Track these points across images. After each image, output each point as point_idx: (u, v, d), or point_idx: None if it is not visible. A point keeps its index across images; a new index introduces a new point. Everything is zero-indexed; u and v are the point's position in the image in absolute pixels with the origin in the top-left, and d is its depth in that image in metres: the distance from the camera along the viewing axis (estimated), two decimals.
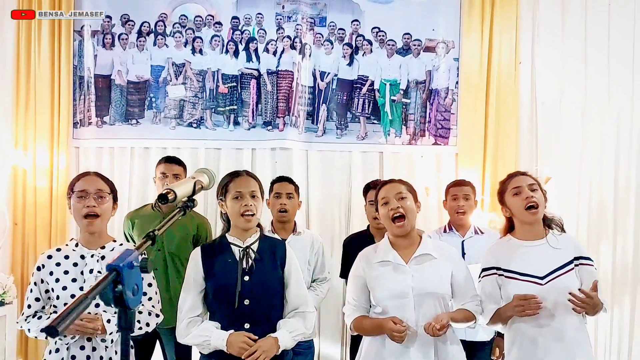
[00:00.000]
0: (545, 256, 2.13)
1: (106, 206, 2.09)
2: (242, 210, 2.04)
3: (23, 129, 3.71)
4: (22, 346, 3.69)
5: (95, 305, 2.03)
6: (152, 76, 3.76)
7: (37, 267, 2.10)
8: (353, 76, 3.82)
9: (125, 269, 0.95)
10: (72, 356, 2.02)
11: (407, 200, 2.09)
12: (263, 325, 2.00)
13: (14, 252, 3.69)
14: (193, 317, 2.05)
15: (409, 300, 2.01)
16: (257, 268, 2.04)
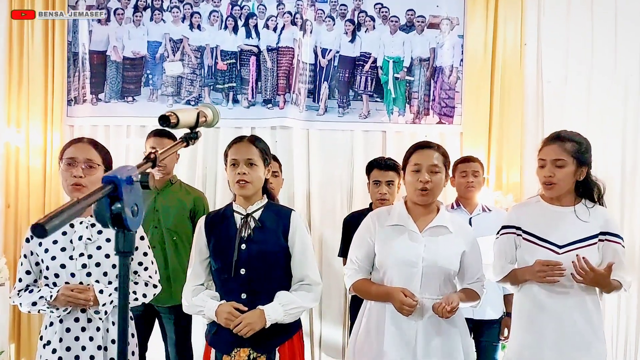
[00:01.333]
0: (570, 225, 2.04)
1: (95, 177, 1.97)
2: (237, 178, 1.96)
3: (16, 106, 3.60)
4: (15, 332, 3.59)
5: (86, 275, 1.94)
6: (149, 52, 3.66)
7: (25, 239, 2.00)
8: (355, 53, 3.72)
9: (123, 183, 0.85)
10: (66, 329, 1.92)
11: (439, 174, 1.98)
12: (261, 297, 1.93)
13: (6, 233, 3.59)
14: (196, 286, 2.00)
15: (417, 271, 1.93)
16: (256, 237, 1.96)
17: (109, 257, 1.97)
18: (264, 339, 1.90)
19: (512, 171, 3.69)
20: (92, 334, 1.92)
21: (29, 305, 1.94)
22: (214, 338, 1.95)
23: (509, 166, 3.70)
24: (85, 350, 1.91)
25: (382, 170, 2.80)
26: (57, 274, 1.93)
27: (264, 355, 1.91)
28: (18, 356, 3.56)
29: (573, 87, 3.75)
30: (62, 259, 1.94)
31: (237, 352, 1.90)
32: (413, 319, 1.91)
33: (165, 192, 2.84)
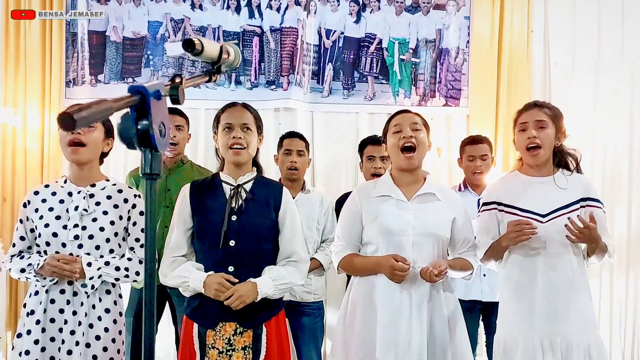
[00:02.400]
0: (550, 194, 2.01)
1: (94, 136, 1.92)
2: (231, 143, 1.87)
3: (13, 87, 3.51)
4: (12, 318, 3.49)
5: (78, 246, 1.87)
6: (150, 32, 3.57)
7: (23, 204, 1.94)
8: (360, 34, 3.66)
9: (151, 96, 0.78)
10: (51, 300, 1.85)
11: (420, 132, 1.94)
12: (249, 270, 1.84)
13: (2, 218, 3.49)
14: (177, 257, 1.89)
15: (407, 239, 1.88)
16: (247, 208, 1.87)
17: (104, 230, 1.90)
18: (251, 313, 1.82)
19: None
20: (76, 308, 1.86)
21: (17, 272, 1.88)
22: (196, 312, 1.85)
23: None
24: (67, 324, 1.84)
25: (375, 146, 2.77)
26: (48, 242, 1.87)
27: (250, 330, 1.82)
28: None
29: (580, 68, 3.71)
30: (55, 228, 1.87)
31: (222, 327, 1.81)
32: (406, 288, 1.85)
33: (177, 171, 2.77)
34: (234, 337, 1.80)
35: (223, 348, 1.80)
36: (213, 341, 1.81)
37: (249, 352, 1.80)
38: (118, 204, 1.95)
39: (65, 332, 1.83)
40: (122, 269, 1.91)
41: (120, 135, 0.80)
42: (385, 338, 1.83)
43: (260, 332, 1.83)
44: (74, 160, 1.92)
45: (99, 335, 1.86)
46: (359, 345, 1.88)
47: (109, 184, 1.99)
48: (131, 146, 0.79)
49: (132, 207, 1.98)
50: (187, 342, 1.85)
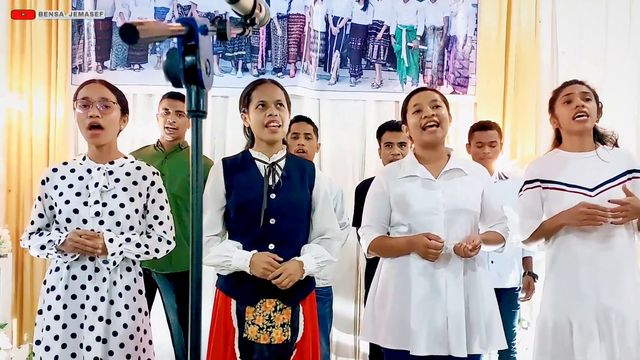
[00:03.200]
0: (595, 168, 1.99)
1: (112, 117, 1.90)
2: (267, 121, 1.86)
3: (18, 73, 3.48)
4: (17, 306, 3.47)
5: (99, 223, 1.85)
6: (156, 19, 3.55)
7: (41, 181, 1.92)
8: (368, 21, 3.64)
9: (199, 29, 0.76)
10: (72, 276, 1.84)
11: (441, 109, 1.93)
12: (288, 248, 1.84)
13: (8, 205, 3.47)
14: (211, 236, 1.87)
15: (439, 217, 1.86)
16: (284, 186, 1.87)
17: (124, 207, 1.89)
18: (290, 291, 1.81)
19: (527, 142, 3.63)
20: (98, 284, 1.85)
21: (37, 249, 1.86)
22: (235, 289, 1.84)
23: (523, 137, 3.65)
24: (89, 300, 1.83)
25: (393, 132, 2.75)
26: (69, 218, 1.85)
27: (289, 307, 1.83)
28: (20, 331, 3.45)
29: (588, 57, 3.69)
30: (76, 204, 1.86)
31: (262, 303, 1.81)
32: (440, 266, 1.83)
33: (174, 156, 2.74)
34: (274, 313, 1.80)
35: (263, 324, 1.80)
36: (253, 317, 1.80)
37: (287, 329, 1.81)
38: (137, 181, 1.94)
39: (87, 308, 1.82)
40: (142, 246, 1.90)
41: (167, 72, 0.78)
42: (420, 315, 1.81)
43: (298, 309, 1.84)
44: (93, 143, 1.91)
45: (120, 312, 1.85)
46: (391, 325, 1.87)
47: (127, 162, 1.99)
48: (177, 83, 0.78)
49: (151, 184, 1.97)
50: (224, 318, 1.83)
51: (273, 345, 1.78)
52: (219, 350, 1.82)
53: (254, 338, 1.79)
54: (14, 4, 3.48)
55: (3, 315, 3.32)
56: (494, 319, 1.88)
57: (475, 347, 1.82)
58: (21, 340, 3.42)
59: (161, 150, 2.77)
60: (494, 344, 1.87)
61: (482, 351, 1.85)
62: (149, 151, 2.79)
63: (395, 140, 2.72)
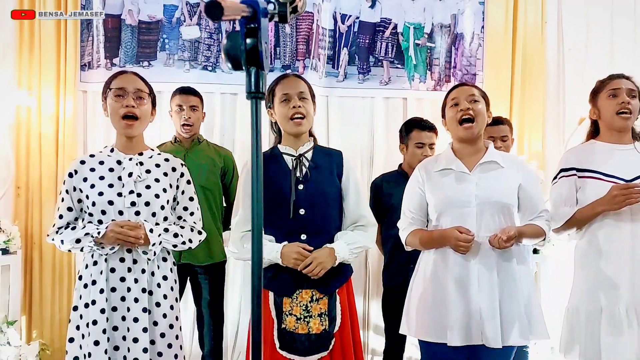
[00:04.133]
0: (633, 160, 2.01)
1: (145, 108, 1.92)
2: (291, 113, 1.88)
3: (27, 70, 3.47)
4: (26, 304, 3.46)
5: (135, 213, 1.86)
6: (165, 16, 3.56)
7: (68, 174, 1.91)
8: (375, 19, 3.66)
9: (261, 13, 0.77)
10: (111, 269, 1.84)
11: (479, 103, 1.94)
12: (320, 237, 1.86)
13: (17, 201, 3.46)
14: (245, 232, 1.90)
15: (471, 210, 1.87)
16: (312, 176, 1.89)
17: (159, 197, 1.90)
18: (325, 280, 1.84)
19: (534, 139, 3.66)
20: (137, 275, 1.85)
21: (71, 243, 1.84)
22: (272, 281, 1.86)
23: (530, 134, 3.67)
24: (130, 292, 1.83)
25: (425, 132, 2.74)
26: (104, 210, 1.85)
27: (326, 297, 1.85)
28: (29, 329, 3.44)
29: (594, 54, 3.72)
30: (110, 196, 1.85)
31: (299, 294, 1.84)
32: (472, 259, 1.85)
33: (194, 150, 2.78)
34: (311, 304, 1.83)
35: (301, 315, 1.82)
36: (290, 308, 1.83)
37: (324, 318, 1.83)
38: (167, 172, 1.96)
39: (128, 300, 1.82)
40: (179, 236, 1.91)
41: (227, 54, 0.80)
42: (455, 306, 1.83)
43: (335, 299, 1.86)
44: (127, 133, 1.91)
45: (159, 302, 1.86)
46: (429, 316, 1.89)
47: (155, 153, 2.00)
48: (237, 65, 0.79)
49: (180, 175, 1.99)
50: (263, 311, 1.83)
51: (312, 334, 1.81)
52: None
53: (292, 328, 1.81)
54: (22, 3, 3.48)
55: (13, 312, 3.31)
56: (534, 309, 1.88)
57: (512, 338, 1.82)
58: (30, 337, 3.41)
59: (181, 146, 2.79)
60: (536, 334, 1.87)
61: (523, 341, 1.85)
62: (167, 147, 2.81)
63: (428, 142, 2.71)
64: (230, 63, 0.79)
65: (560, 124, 3.68)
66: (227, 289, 3.47)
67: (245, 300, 3.58)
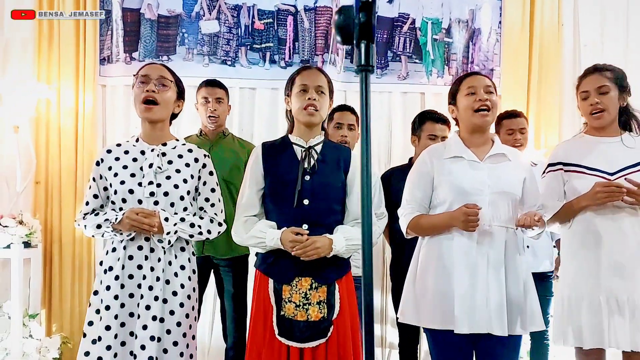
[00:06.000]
0: (617, 153, 2.05)
1: (168, 95, 1.94)
2: (306, 104, 1.90)
3: (46, 64, 3.48)
4: (46, 297, 3.47)
5: (154, 203, 1.88)
6: (184, 10, 3.57)
7: (96, 162, 1.96)
8: (393, 14, 3.68)
9: None
10: (129, 256, 1.87)
11: (493, 95, 1.98)
12: (321, 229, 1.88)
13: (37, 195, 3.47)
14: (249, 217, 1.93)
15: (483, 198, 1.89)
16: (319, 169, 1.91)
17: (178, 188, 1.92)
18: (322, 269, 1.86)
19: (551, 133, 3.68)
20: (153, 264, 1.87)
21: (93, 228, 1.89)
22: (272, 268, 1.89)
23: (547, 129, 3.70)
24: (146, 280, 1.85)
25: (438, 124, 2.74)
26: (124, 199, 1.88)
27: (324, 286, 1.86)
28: (49, 322, 3.45)
29: (610, 49, 3.74)
30: (131, 185, 1.89)
31: (298, 281, 1.85)
32: (482, 248, 1.87)
33: (219, 143, 2.79)
34: (310, 291, 1.84)
35: (300, 302, 1.83)
36: (289, 295, 1.84)
37: (323, 306, 1.84)
38: (189, 163, 1.97)
39: (143, 288, 1.84)
40: (196, 226, 1.93)
41: (340, 28, 0.81)
42: (464, 297, 1.85)
43: (334, 288, 1.88)
44: (146, 117, 1.93)
45: (176, 292, 1.88)
46: (434, 305, 1.90)
47: (179, 144, 2.01)
48: (348, 39, 0.80)
49: (203, 166, 2.01)
50: (262, 297, 1.88)
51: (310, 322, 1.82)
52: (259, 328, 1.86)
53: (291, 315, 1.83)
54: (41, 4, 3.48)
55: (34, 306, 3.33)
56: (533, 301, 1.92)
57: (516, 328, 1.86)
58: (50, 331, 3.42)
59: (206, 139, 2.80)
60: (534, 324, 1.91)
61: (523, 332, 1.89)
62: (193, 140, 2.81)
63: (441, 134, 2.71)
64: (341, 36, 0.81)
65: (576, 118, 3.69)
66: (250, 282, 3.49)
67: None
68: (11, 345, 3.08)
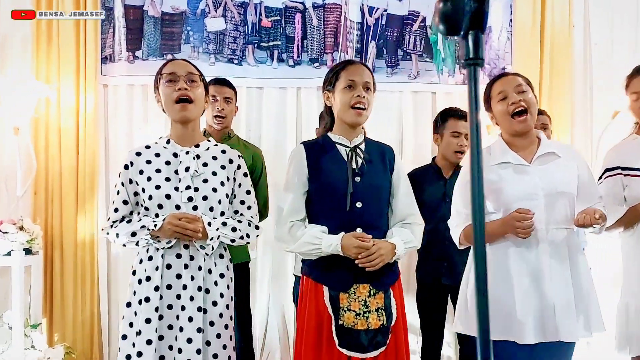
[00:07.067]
0: None
1: (199, 92, 1.84)
2: (354, 102, 1.81)
3: (45, 62, 3.34)
4: (47, 307, 3.32)
5: (193, 208, 1.78)
6: (189, 7, 3.45)
7: (124, 166, 1.83)
8: (404, 12, 3.60)
9: None
10: (167, 265, 1.75)
11: (527, 93, 1.89)
12: (374, 232, 1.80)
13: (36, 198, 3.33)
14: (295, 221, 1.83)
15: (539, 202, 1.81)
16: (367, 169, 1.83)
17: (216, 192, 1.82)
18: (380, 276, 1.78)
19: (562, 132, 3.63)
20: (193, 273, 1.76)
21: (127, 236, 1.76)
22: (326, 275, 1.79)
23: (558, 128, 3.64)
24: (186, 290, 1.74)
25: (461, 121, 2.67)
26: (160, 204, 1.77)
27: (381, 292, 1.79)
28: (51, 331, 3.31)
29: (620, 48, 3.72)
30: (167, 189, 1.77)
31: (356, 289, 1.77)
32: (542, 252, 1.79)
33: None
34: (369, 298, 1.76)
35: (360, 310, 1.75)
36: (348, 304, 1.76)
37: (382, 313, 1.76)
38: (224, 165, 1.88)
39: (183, 299, 1.74)
40: (238, 230, 1.83)
41: (445, 17, 0.72)
42: (526, 303, 1.77)
43: (389, 293, 1.80)
44: (182, 117, 1.82)
45: (216, 302, 1.78)
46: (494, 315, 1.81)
47: (211, 145, 1.91)
48: (453, 29, 0.71)
49: (237, 168, 1.91)
50: (317, 306, 1.78)
51: (371, 330, 1.74)
52: (313, 339, 1.77)
53: (351, 324, 1.74)
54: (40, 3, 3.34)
55: (35, 315, 3.19)
56: (593, 302, 1.85)
57: (580, 331, 1.79)
58: (52, 340, 3.28)
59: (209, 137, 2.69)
60: (596, 327, 1.84)
61: (587, 334, 1.82)
62: None
63: (464, 131, 2.64)
64: (446, 26, 0.72)
65: (587, 117, 3.67)
66: (255, 289, 3.39)
67: (273, 299, 3.50)
68: (13, 357, 2.94)
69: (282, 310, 3.50)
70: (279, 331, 3.48)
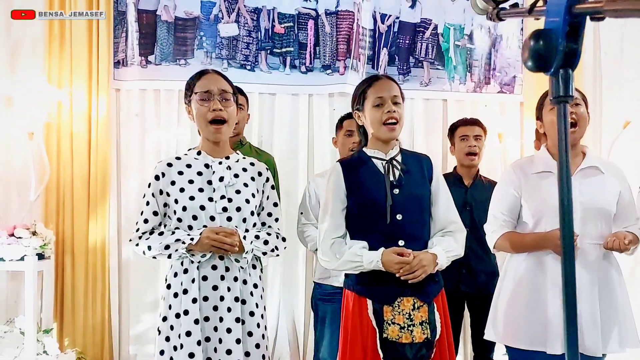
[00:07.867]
0: None
1: (232, 109, 1.84)
2: (385, 118, 1.82)
3: (57, 66, 3.32)
4: (58, 312, 3.31)
5: (227, 219, 1.78)
6: (203, 13, 3.45)
7: (155, 177, 1.82)
8: (416, 19, 3.61)
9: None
10: (203, 277, 1.76)
11: (580, 107, 1.91)
12: (416, 243, 1.81)
13: (47, 204, 3.32)
14: (336, 238, 1.83)
15: (575, 215, 1.82)
16: (405, 181, 1.83)
17: (249, 203, 1.82)
18: (424, 287, 1.78)
19: None
20: (230, 284, 1.77)
21: (160, 249, 1.75)
22: (370, 288, 1.79)
23: None
24: (224, 301, 1.75)
25: (467, 125, 2.76)
26: (195, 215, 1.77)
27: (425, 305, 1.79)
28: (61, 336, 3.30)
29: (630, 57, 3.75)
30: (201, 200, 1.77)
31: (400, 302, 1.77)
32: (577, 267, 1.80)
33: None
34: (413, 312, 1.76)
35: (404, 323, 1.75)
36: (392, 317, 1.75)
37: (426, 327, 1.76)
38: (254, 177, 1.89)
39: (221, 310, 1.74)
40: (269, 243, 1.83)
41: (537, 53, 0.73)
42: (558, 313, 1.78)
43: (433, 306, 1.80)
44: (216, 139, 1.83)
45: (253, 312, 1.79)
46: (526, 324, 1.85)
47: (240, 157, 1.92)
48: (542, 67, 0.72)
49: (266, 180, 1.92)
50: (361, 320, 1.78)
51: (415, 344, 1.74)
52: (357, 354, 1.77)
53: (395, 338, 1.74)
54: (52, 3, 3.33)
55: (46, 320, 3.18)
56: (628, 317, 1.87)
57: (610, 346, 1.81)
58: (63, 345, 3.27)
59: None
60: (629, 342, 1.85)
61: (619, 349, 1.84)
62: None
63: (471, 133, 2.72)
64: (536, 64, 0.73)
65: (597, 127, 3.69)
66: (266, 295, 3.38)
67: (284, 305, 3.50)
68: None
69: (293, 316, 3.51)
70: (289, 336, 3.49)
